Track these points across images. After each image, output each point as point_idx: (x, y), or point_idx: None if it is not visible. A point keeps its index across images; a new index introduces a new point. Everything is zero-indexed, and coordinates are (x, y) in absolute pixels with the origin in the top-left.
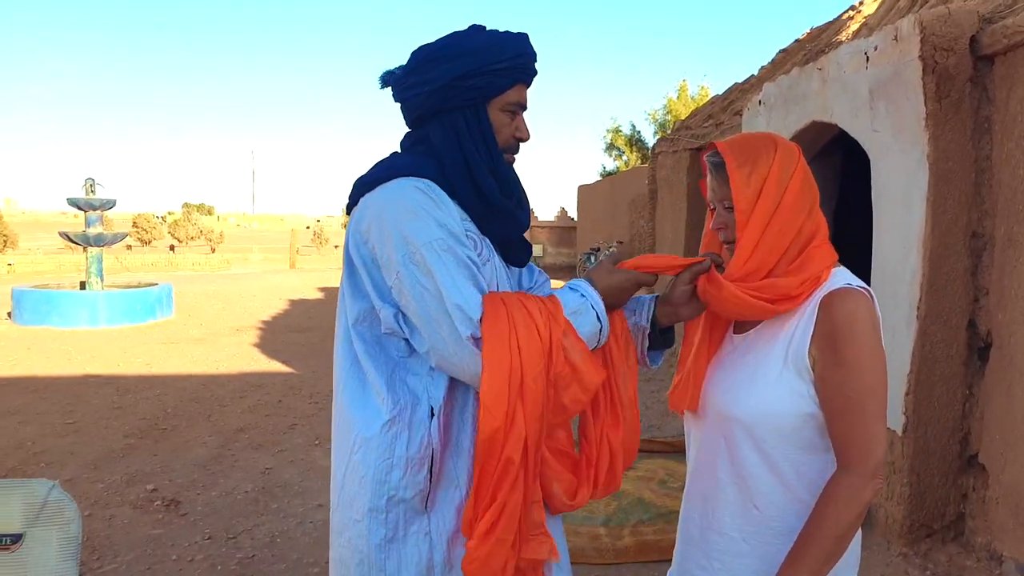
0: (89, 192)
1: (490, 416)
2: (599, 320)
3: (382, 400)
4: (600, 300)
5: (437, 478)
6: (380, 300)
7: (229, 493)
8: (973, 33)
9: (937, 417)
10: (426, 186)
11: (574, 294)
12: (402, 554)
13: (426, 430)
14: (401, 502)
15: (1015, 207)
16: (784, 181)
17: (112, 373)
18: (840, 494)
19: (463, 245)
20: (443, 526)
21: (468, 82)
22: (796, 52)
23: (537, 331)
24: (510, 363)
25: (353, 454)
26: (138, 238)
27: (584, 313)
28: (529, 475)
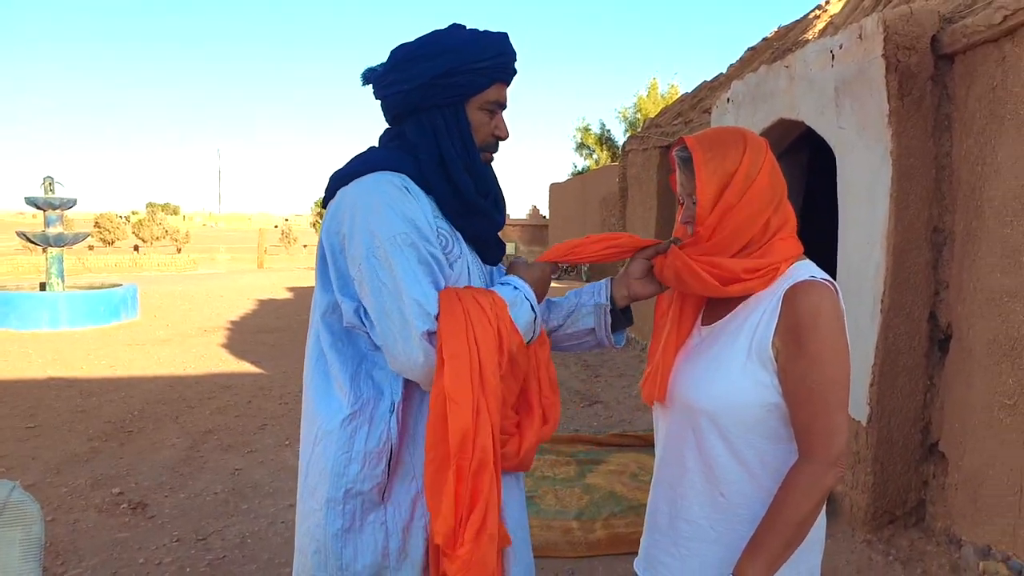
0: (48, 191)
1: (459, 409)
2: (533, 311)
3: (344, 394)
4: (532, 292)
5: (394, 470)
6: (341, 293)
7: (198, 495)
8: (934, 32)
9: (900, 407)
10: (400, 180)
11: (507, 288)
12: (358, 543)
13: (386, 425)
14: (359, 494)
15: (974, 203)
16: (752, 175)
17: (75, 376)
18: (801, 482)
19: (427, 242)
20: (399, 516)
21: (448, 80)
22: (764, 50)
23: (489, 324)
24: (470, 357)
25: (315, 445)
26: (101, 238)
27: (519, 305)
28: (499, 466)
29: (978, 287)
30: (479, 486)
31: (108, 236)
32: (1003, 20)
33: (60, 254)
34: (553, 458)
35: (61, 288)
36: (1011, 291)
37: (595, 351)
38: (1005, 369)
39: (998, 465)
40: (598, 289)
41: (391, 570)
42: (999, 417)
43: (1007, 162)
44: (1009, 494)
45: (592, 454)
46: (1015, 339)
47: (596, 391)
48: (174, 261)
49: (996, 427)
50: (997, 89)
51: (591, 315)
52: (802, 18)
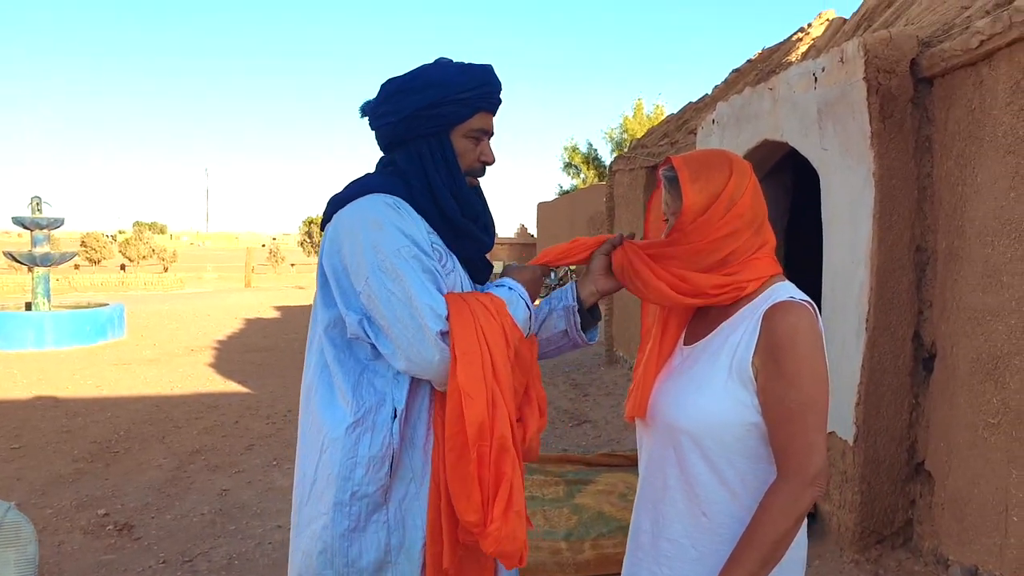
0: (36, 211)
1: (473, 402)
2: (528, 308)
3: (347, 403)
4: (525, 291)
5: (395, 472)
6: (345, 307)
7: (185, 516)
8: (913, 56)
9: (886, 427)
10: (394, 201)
11: (503, 288)
12: (363, 541)
13: (388, 430)
14: (364, 496)
15: (955, 223)
16: (736, 197)
17: (60, 396)
18: (778, 501)
19: (426, 255)
20: (399, 514)
21: (432, 111)
22: (748, 72)
23: (495, 321)
24: (480, 351)
25: (323, 453)
26: (87, 257)
27: (515, 303)
28: (519, 449)
29: (960, 306)
30: (502, 469)
31: (95, 255)
32: (979, 45)
33: (46, 273)
34: (542, 478)
35: (47, 307)
36: (993, 310)
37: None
38: (988, 388)
39: (983, 484)
40: (565, 292)
41: (392, 564)
42: (983, 436)
43: (986, 183)
44: (994, 513)
45: (581, 474)
46: (997, 358)
47: (584, 410)
48: (161, 280)
49: (980, 446)
50: (975, 112)
51: (561, 318)
52: (785, 41)
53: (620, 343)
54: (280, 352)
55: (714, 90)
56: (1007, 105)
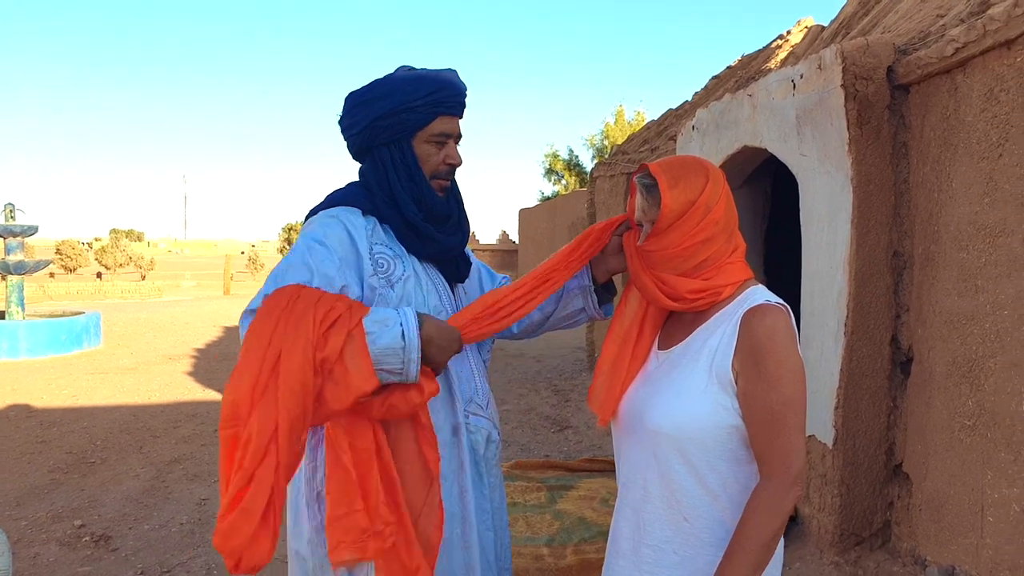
0: (9, 218)
1: (236, 381)
2: (403, 339)
3: None
4: (414, 326)
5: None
6: None
7: (163, 526)
8: (890, 64)
9: (864, 429)
10: (346, 213)
11: (392, 311)
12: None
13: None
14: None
15: (931, 228)
16: (711, 205)
17: (35, 406)
18: (764, 504)
19: (322, 257)
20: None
21: (388, 121)
22: (728, 79)
23: (312, 320)
24: (270, 339)
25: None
26: (62, 265)
27: (390, 326)
28: (282, 452)
29: (937, 310)
30: (244, 463)
31: (70, 263)
32: (954, 53)
33: (20, 282)
34: (523, 484)
35: (21, 316)
36: (968, 314)
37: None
38: (964, 391)
39: (959, 485)
40: (580, 272)
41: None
42: (959, 438)
43: (961, 189)
44: (970, 514)
45: (562, 480)
46: (973, 361)
47: (566, 416)
48: (138, 288)
49: (957, 448)
50: (950, 118)
51: (577, 296)
52: (765, 47)
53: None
54: None
55: (694, 97)
56: (981, 112)
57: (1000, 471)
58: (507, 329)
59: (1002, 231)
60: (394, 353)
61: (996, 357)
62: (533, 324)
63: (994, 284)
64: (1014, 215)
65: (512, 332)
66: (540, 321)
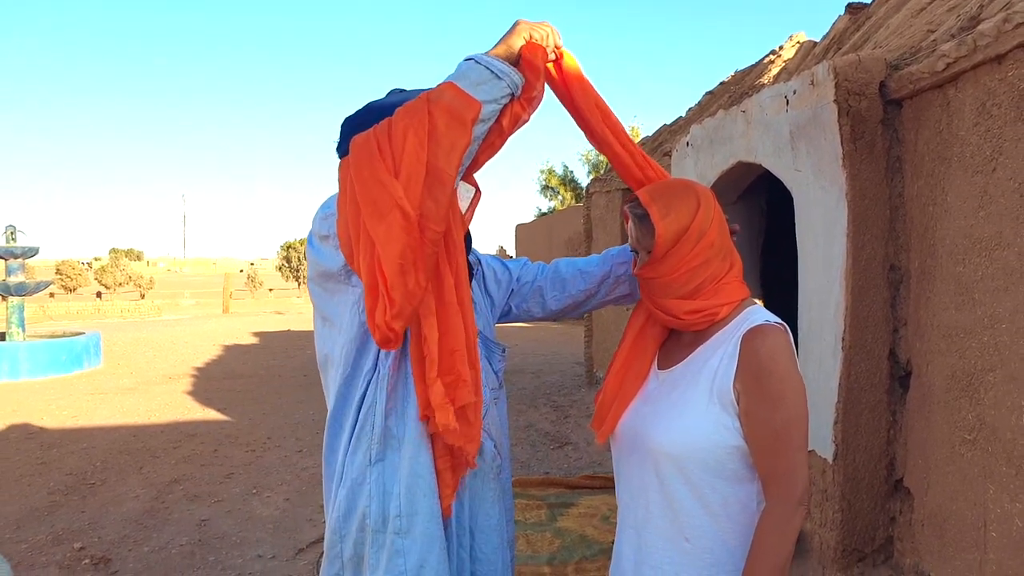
0: (10, 240)
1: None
2: (487, 68)
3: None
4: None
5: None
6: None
7: (163, 547)
8: (882, 79)
9: (864, 444)
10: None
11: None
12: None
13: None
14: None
15: (927, 242)
16: (704, 229)
17: (36, 427)
18: (775, 526)
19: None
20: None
21: None
22: (721, 94)
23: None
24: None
25: None
26: (62, 285)
27: (471, 70)
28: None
29: (934, 324)
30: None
31: (70, 283)
32: (946, 68)
33: (21, 303)
34: (524, 502)
35: (21, 337)
36: (966, 327)
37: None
38: (964, 405)
39: (961, 500)
40: (628, 258)
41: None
42: (960, 452)
43: (956, 202)
44: (973, 529)
45: (563, 497)
46: (971, 374)
47: (566, 432)
48: (138, 307)
49: (958, 462)
50: (943, 133)
51: (626, 283)
52: (758, 63)
53: (600, 364)
54: (259, 379)
55: (688, 113)
56: (974, 126)
57: (1002, 486)
58: (546, 307)
59: (998, 244)
60: (485, 77)
61: (995, 371)
62: (576, 302)
63: (991, 297)
64: (1010, 228)
65: (552, 310)
66: (583, 300)
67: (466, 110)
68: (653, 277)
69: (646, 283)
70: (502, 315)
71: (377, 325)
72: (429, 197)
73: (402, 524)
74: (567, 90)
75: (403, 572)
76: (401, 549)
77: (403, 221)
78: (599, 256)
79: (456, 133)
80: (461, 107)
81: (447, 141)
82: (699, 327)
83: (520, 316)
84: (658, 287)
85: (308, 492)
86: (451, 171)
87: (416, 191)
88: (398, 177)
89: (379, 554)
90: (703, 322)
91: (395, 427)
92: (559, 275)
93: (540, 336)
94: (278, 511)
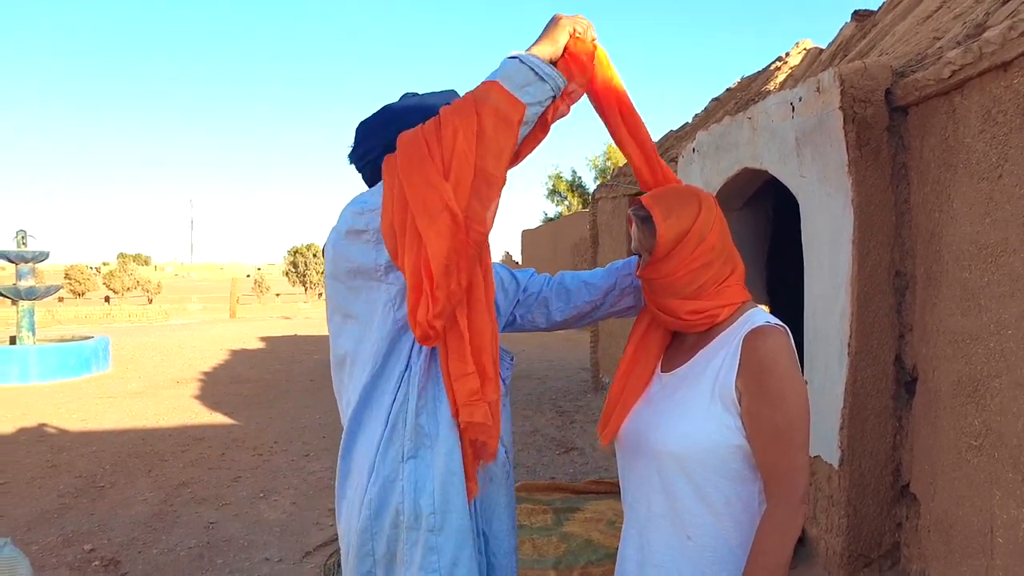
0: (21, 244)
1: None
2: (531, 69)
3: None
4: (531, 57)
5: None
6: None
7: (172, 550)
8: (888, 86)
9: (871, 450)
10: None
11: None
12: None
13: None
14: None
15: (932, 248)
16: (705, 233)
17: (45, 430)
18: (777, 525)
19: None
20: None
21: None
22: (728, 101)
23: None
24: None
25: None
26: (71, 290)
27: (515, 71)
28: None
29: (940, 329)
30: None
31: (79, 287)
32: (951, 75)
33: (31, 307)
34: (530, 506)
35: (31, 341)
36: (972, 333)
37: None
38: (970, 410)
39: (967, 506)
40: (632, 270)
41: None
42: (966, 458)
43: (962, 209)
44: (980, 535)
45: (569, 502)
46: (978, 380)
47: (571, 438)
48: (145, 312)
49: (964, 468)
50: (949, 140)
51: (631, 295)
52: (764, 70)
53: (606, 370)
54: (266, 383)
55: (694, 119)
56: (980, 133)
57: (1008, 491)
58: (551, 319)
59: (1004, 250)
60: (529, 78)
61: (1001, 376)
62: (581, 313)
63: (998, 303)
64: (1015, 234)
65: (556, 321)
66: (588, 311)
67: (512, 112)
68: (655, 278)
69: (648, 284)
70: (506, 325)
71: (419, 323)
72: (475, 199)
73: (436, 521)
74: (595, 86)
75: (437, 569)
76: (435, 546)
77: (451, 223)
78: (604, 269)
79: (504, 135)
80: (507, 109)
81: (496, 144)
82: (700, 328)
83: (524, 326)
84: (660, 288)
85: (315, 496)
86: (499, 174)
87: (465, 193)
88: (447, 179)
89: (413, 551)
90: (704, 323)
91: (427, 424)
92: (564, 287)
93: (546, 342)
94: (285, 514)
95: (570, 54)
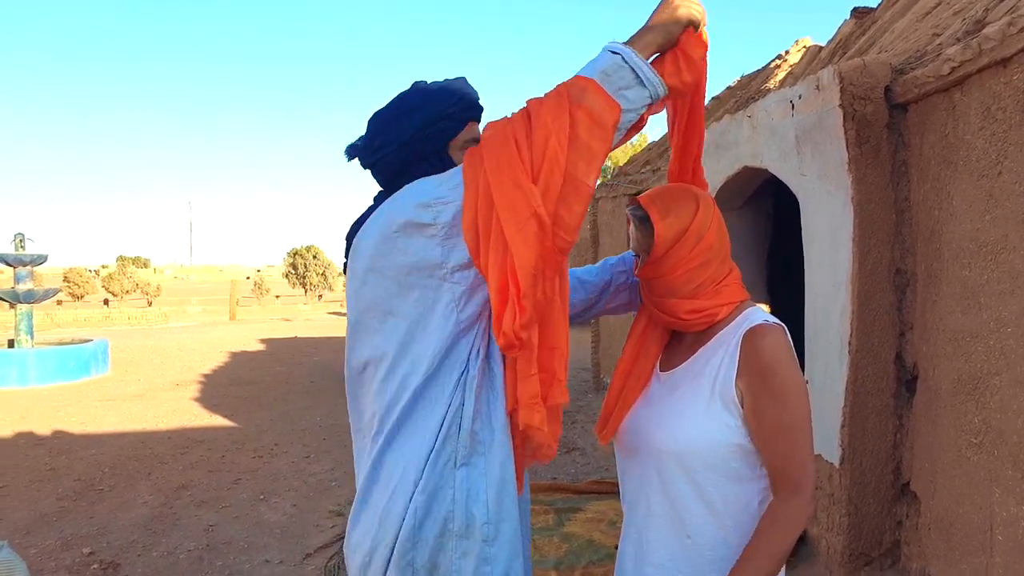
0: (19, 247)
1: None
2: (634, 71)
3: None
4: (635, 56)
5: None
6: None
7: (171, 553)
8: (887, 83)
9: (871, 448)
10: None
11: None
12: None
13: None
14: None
15: (933, 246)
16: (702, 232)
17: (44, 433)
18: (783, 517)
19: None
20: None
21: (428, 131)
22: (727, 99)
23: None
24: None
25: None
26: (70, 293)
27: (616, 72)
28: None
29: (940, 327)
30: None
31: (77, 290)
32: (951, 72)
33: (29, 310)
34: (531, 507)
35: (30, 344)
36: (972, 331)
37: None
38: (970, 408)
39: (967, 504)
40: (627, 266)
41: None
42: (966, 456)
43: (962, 206)
44: (979, 532)
45: (570, 502)
46: (978, 378)
47: (573, 438)
48: (145, 314)
49: (964, 466)
50: (949, 137)
51: (626, 291)
52: (763, 68)
53: (607, 370)
54: (266, 385)
55: None
56: (979, 130)
57: (1008, 489)
58: None
59: (1003, 248)
60: (629, 83)
61: (1001, 374)
62: (575, 312)
63: (997, 301)
64: (1015, 232)
65: None
66: (583, 309)
67: (608, 115)
68: (653, 277)
69: (647, 284)
70: None
71: (504, 332)
72: (563, 205)
73: (490, 531)
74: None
75: None
76: (489, 557)
77: (539, 230)
78: (598, 265)
79: (597, 141)
80: (604, 112)
81: (588, 151)
82: (699, 327)
83: None
84: (658, 287)
85: (315, 498)
86: (589, 182)
87: (553, 199)
88: (536, 182)
89: (462, 562)
90: (703, 322)
91: (481, 431)
92: None
93: None
94: (285, 517)
95: (682, 49)
